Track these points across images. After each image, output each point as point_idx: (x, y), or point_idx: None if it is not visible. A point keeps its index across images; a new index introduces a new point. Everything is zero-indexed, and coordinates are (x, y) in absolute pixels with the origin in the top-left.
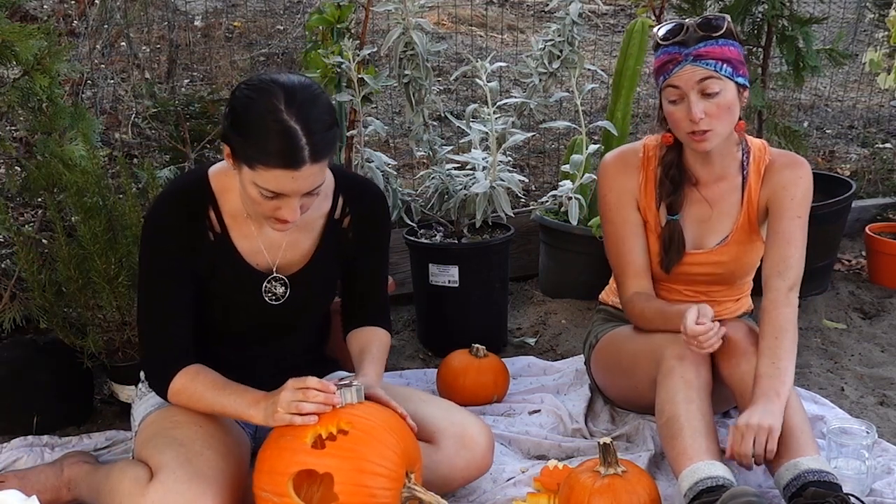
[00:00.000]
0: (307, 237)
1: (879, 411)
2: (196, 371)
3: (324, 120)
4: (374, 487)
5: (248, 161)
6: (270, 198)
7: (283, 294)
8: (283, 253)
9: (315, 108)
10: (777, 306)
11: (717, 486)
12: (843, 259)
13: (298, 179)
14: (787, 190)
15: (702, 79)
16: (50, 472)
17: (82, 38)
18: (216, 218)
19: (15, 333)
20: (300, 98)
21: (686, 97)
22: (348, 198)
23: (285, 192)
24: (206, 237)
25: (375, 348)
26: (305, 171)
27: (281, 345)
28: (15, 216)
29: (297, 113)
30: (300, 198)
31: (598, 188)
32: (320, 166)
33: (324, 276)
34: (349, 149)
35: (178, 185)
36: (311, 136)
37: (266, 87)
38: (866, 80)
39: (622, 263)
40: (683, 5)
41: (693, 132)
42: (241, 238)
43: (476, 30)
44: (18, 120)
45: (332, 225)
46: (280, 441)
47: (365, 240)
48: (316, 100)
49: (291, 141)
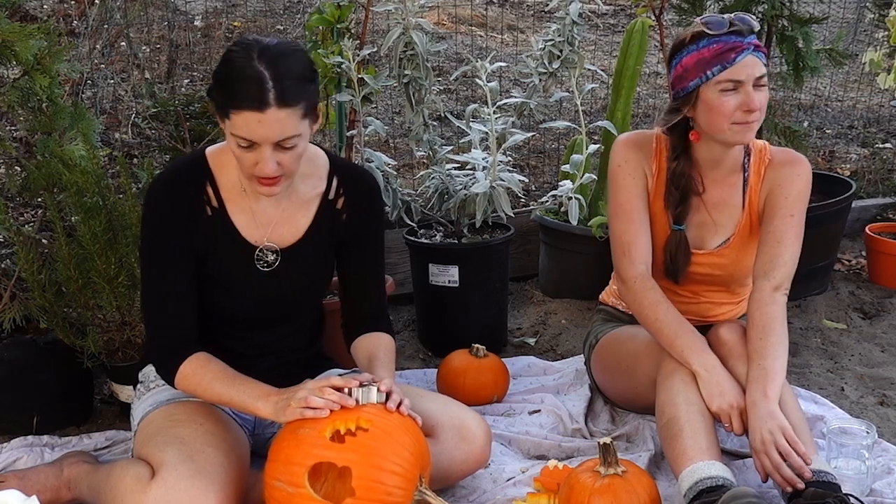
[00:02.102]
0: (303, 214)
1: (879, 411)
2: (206, 359)
3: (295, 69)
4: (390, 486)
5: (223, 109)
6: (246, 147)
7: (274, 261)
8: (279, 228)
9: (288, 59)
10: (761, 306)
11: (717, 486)
12: (843, 259)
13: (265, 123)
14: (783, 187)
15: (760, 71)
16: (50, 472)
17: (82, 38)
18: (213, 193)
19: (15, 333)
20: (274, 51)
21: (743, 86)
22: (342, 179)
23: (256, 139)
24: (204, 212)
25: (383, 353)
26: (271, 114)
27: (278, 335)
28: (15, 216)
29: (268, 61)
30: (274, 150)
31: (612, 160)
32: (288, 113)
33: (317, 253)
34: (349, 149)
35: (175, 164)
36: (278, 81)
37: (245, 42)
38: (866, 80)
39: (630, 232)
40: (683, 5)
41: (739, 122)
42: (238, 212)
43: (476, 30)
44: (18, 120)
45: (327, 204)
46: (298, 433)
47: (358, 223)
48: (291, 53)
49: (258, 83)
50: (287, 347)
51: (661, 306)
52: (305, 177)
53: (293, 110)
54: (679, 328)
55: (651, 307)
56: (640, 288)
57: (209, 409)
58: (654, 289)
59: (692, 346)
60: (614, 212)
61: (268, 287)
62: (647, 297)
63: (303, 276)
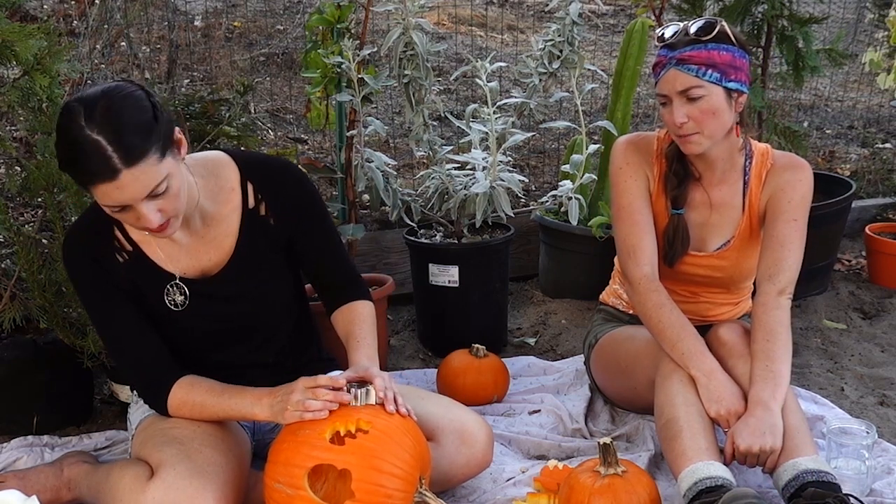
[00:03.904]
0: (225, 234)
1: (879, 411)
2: (190, 382)
3: (131, 121)
4: (390, 488)
5: (80, 185)
6: (120, 211)
7: (183, 303)
8: (203, 255)
9: (119, 111)
10: (767, 310)
11: (717, 487)
12: (843, 259)
13: (125, 188)
14: (785, 192)
15: (683, 84)
16: (50, 472)
17: (82, 38)
18: (123, 237)
19: (15, 333)
20: (101, 106)
21: (670, 100)
22: (258, 184)
23: (123, 203)
24: (116, 260)
25: (358, 328)
26: (125, 178)
27: (252, 348)
28: (15, 216)
29: (99, 122)
30: (149, 201)
31: (613, 163)
32: (142, 167)
33: (255, 267)
34: (349, 149)
35: (77, 222)
36: (118, 143)
37: (68, 108)
38: (866, 80)
39: (634, 234)
40: (683, 5)
41: (677, 135)
42: (156, 250)
43: (476, 30)
44: (18, 120)
45: (249, 215)
46: (298, 434)
47: (292, 222)
48: (120, 101)
49: (97, 154)
50: (262, 360)
51: (665, 308)
52: (213, 192)
53: (147, 162)
54: (681, 331)
55: (655, 308)
56: (645, 289)
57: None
58: (658, 290)
59: (692, 350)
60: (617, 214)
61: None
62: (652, 298)
63: (241, 296)
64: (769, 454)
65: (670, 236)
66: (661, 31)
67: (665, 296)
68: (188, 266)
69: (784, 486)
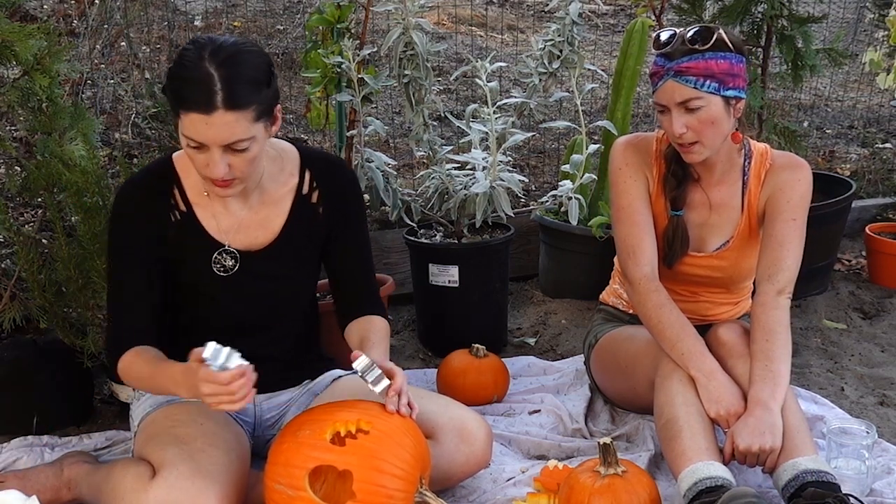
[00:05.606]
0: (276, 214)
1: (879, 411)
2: (140, 350)
3: (247, 72)
4: (391, 488)
5: (173, 108)
6: (195, 148)
7: (233, 267)
8: (251, 231)
9: (241, 60)
10: (766, 310)
11: (717, 487)
12: (843, 259)
13: (213, 126)
14: (784, 192)
15: (682, 96)
16: (50, 472)
17: (82, 38)
18: (180, 196)
19: (15, 333)
20: (227, 51)
21: (669, 110)
22: (316, 173)
23: (203, 141)
24: (169, 218)
25: (374, 335)
26: (218, 117)
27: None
28: (15, 216)
29: (219, 62)
30: (223, 153)
31: (612, 164)
32: (237, 116)
33: (295, 254)
34: (349, 149)
35: (142, 170)
36: (227, 84)
37: (200, 41)
38: (866, 80)
39: (634, 235)
40: (683, 5)
41: (677, 144)
42: (209, 217)
43: (476, 30)
44: (18, 120)
45: (301, 200)
46: (298, 435)
47: (337, 216)
48: (244, 55)
49: (205, 85)
50: (276, 353)
51: (665, 308)
52: (274, 174)
53: (243, 113)
54: (681, 331)
55: (655, 309)
56: (645, 289)
57: (209, 410)
58: (658, 290)
59: (692, 350)
60: (617, 215)
61: (240, 291)
62: (652, 298)
63: (278, 277)
64: (769, 454)
65: (670, 238)
66: (657, 35)
67: (665, 296)
68: (235, 239)
69: (784, 485)
